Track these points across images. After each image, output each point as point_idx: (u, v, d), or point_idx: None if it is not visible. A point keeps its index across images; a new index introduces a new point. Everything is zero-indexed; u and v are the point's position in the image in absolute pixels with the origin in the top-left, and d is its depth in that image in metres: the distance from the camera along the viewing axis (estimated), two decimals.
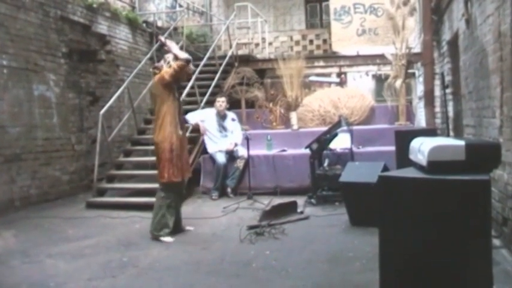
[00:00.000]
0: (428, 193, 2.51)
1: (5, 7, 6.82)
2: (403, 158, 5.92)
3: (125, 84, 8.36)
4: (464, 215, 2.41)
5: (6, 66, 6.83)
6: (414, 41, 10.67)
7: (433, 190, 2.50)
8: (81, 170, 8.47)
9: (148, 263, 4.44)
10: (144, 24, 10.96)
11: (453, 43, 7.51)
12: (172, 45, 5.47)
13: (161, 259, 4.56)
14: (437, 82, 9.09)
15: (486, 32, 4.93)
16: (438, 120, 8.99)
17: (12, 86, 6.94)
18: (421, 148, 2.70)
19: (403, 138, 6.29)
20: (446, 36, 7.98)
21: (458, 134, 7.42)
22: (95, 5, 8.89)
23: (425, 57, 9.11)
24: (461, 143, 2.58)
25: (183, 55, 5.41)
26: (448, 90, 7.88)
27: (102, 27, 9.20)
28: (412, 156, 2.94)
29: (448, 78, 7.98)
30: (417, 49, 10.29)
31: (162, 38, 5.73)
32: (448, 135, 7.37)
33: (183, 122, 5.63)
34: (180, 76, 5.38)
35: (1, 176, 6.68)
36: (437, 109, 9.11)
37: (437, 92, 9.02)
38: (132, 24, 10.30)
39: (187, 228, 5.57)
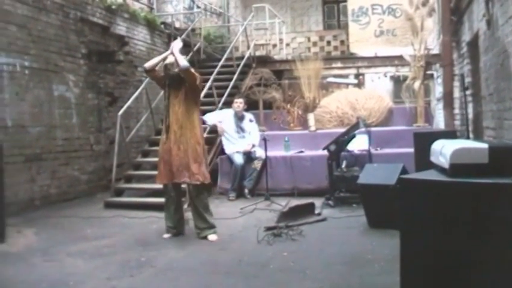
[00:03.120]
0: (450, 196, 2.48)
1: (27, 9, 6.92)
2: (422, 160, 5.88)
3: (143, 85, 8.42)
4: (488, 219, 2.37)
5: (27, 67, 6.93)
6: (433, 42, 10.59)
7: (455, 193, 2.47)
8: (100, 170, 8.54)
9: (165, 263, 4.46)
10: (162, 26, 11.01)
11: (473, 44, 7.44)
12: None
13: (178, 259, 4.57)
14: (456, 83, 9.00)
15: (508, 33, 4.87)
16: (457, 122, 8.90)
17: (33, 86, 7.04)
18: (443, 150, 2.66)
19: (422, 140, 6.25)
20: (466, 37, 7.91)
21: (477, 136, 7.34)
22: (113, 7, 8.96)
23: (444, 59, 9.04)
24: (485, 145, 2.55)
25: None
26: (467, 92, 7.80)
27: (121, 28, 9.27)
28: (433, 159, 2.90)
29: (467, 80, 7.89)
30: (436, 50, 10.21)
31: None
32: (467, 138, 7.29)
33: (179, 126, 5.24)
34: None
35: (22, 175, 6.77)
36: (456, 111, 9.02)
37: (457, 93, 8.94)
38: (150, 25, 10.36)
39: (209, 238, 5.23)
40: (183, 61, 5.19)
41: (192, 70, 5.27)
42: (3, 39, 6.52)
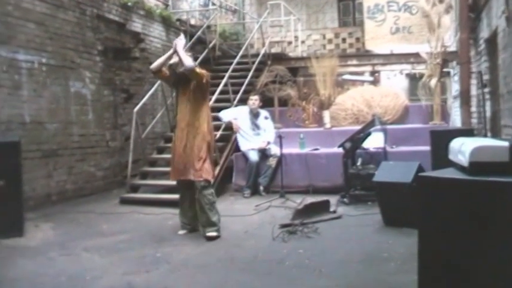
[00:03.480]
0: (470, 194, 2.45)
1: (45, 6, 6.99)
2: (438, 158, 5.85)
3: (158, 82, 8.44)
4: (507, 218, 2.34)
5: (45, 64, 7.00)
6: (450, 39, 10.49)
7: (475, 191, 2.44)
8: (115, 166, 8.60)
9: (181, 259, 4.48)
10: (178, 23, 11.04)
11: (491, 41, 7.36)
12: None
13: (194, 256, 4.59)
14: (473, 81, 8.91)
15: None
16: (474, 120, 8.82)
17: (50, 83, 7.11)
18: (462, 148, 2.63)
19: (439, 138, 6.21)
20: (484, 34, 7.82)
21: (495, 135, 7.26)
22: (129, 4, 9.00)
23: (462, 56, 8.94)
24: (505, 144, 2.51)
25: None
26: (485, 90, 7.72)
27: (137, 25, 9.32)
28: (451, 157, 2.87)
29: (485, 77, 7.81)
30: (453, 47, 10.12)
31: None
32: (485, 136, 7.21)
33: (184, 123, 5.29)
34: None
35: (39, 171, 6.85)
36: (473, 109, 8.94)
37: (474, 91, 8.85)
38: (166, 22, 10.40)
39: (207, 234, 5.15)
40: (188, 60, 5.10)
41: (198, 69, 5.21)
42: (22, 36, 6.59)
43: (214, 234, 5.14)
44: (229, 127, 8.04)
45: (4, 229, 5.14)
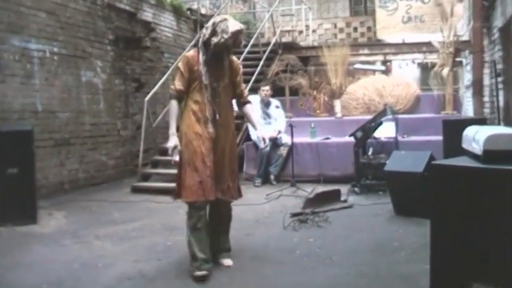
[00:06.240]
0: (484, 183, 2.44)
1: None
2: (451, 147, 5.81)
3: (169, 71, 8.46)
4: None
5: (56, 53, 7.03)
6: (462, 28, 10.39)
7: (489, 180, 2.42)
8: (126, 155, 8.64)
9: None
10: (188, 12, 11.03)
11: (506, 30, 7.25)
12: None
13: None
14: (486, 71, 8.83)
15: None
16: (486, 110, 8.74)
17: (62, 72, 7.14)
18: (476, 137, 2.62)
19: (452, 128, 6.17)
20: (498, 22, 7.71)
21: (508, 125, 7.19)
22: None
23: (475, 45, 8.86)
24: None
25: None
26: (499, 79, 7.63)
27: (147, 14, 9.31)
28: (465, 145, 2.86)
29: (498, 67, 7.72)
30: (465, 37, 10.01)
31: None
32: (498, 125, 7.15)
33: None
34: None
35: (52, 159, 6.91)
36: (486, 98, 8.86)
37: (486, 80, 8.77)
38: (177, 11, 10.39)
39: (224, 262, 4.02)
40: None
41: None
42: (33, 25, 6.62)
43: (231, 262, 4.05)
44: (240, 116, 8.01)
45: (18, 216, 5.22)
